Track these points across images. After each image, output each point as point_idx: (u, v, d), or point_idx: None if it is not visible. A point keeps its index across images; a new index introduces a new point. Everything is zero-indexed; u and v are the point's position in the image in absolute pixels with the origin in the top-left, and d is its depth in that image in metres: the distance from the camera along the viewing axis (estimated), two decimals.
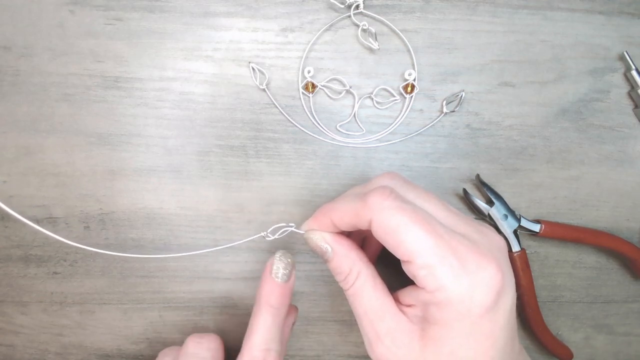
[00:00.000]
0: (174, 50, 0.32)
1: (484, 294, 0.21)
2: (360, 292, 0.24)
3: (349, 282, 0.25)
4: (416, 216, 0.22)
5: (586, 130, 0.34)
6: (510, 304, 0.23)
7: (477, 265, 0.21)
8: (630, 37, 0.33)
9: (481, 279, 0.21)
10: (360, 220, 0.23)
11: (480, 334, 0.22)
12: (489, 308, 0.21)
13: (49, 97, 0.32)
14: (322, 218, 0.25)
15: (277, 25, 0.32)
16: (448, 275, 0.21)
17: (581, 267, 0.35)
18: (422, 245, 0.21)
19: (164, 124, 0.32)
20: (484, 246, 0.23)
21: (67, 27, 0.32)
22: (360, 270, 0.24)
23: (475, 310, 0.21)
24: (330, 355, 0.34)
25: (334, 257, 0.25)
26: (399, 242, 0.22)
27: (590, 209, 0.34)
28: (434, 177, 0.33)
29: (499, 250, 0.24)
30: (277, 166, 0.33)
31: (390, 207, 0.22)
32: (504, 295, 0.22)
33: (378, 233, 0.22)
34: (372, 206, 0.22)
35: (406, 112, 0.33)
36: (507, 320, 0.22)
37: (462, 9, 0.33)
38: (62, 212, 0.33)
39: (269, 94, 0.32)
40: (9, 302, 0.33)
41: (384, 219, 0.22)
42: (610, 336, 0.36)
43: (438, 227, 0.22)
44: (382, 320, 0.23)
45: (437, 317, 0.22)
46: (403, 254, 0.22)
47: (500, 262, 0.22)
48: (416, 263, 0.21)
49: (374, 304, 0.24)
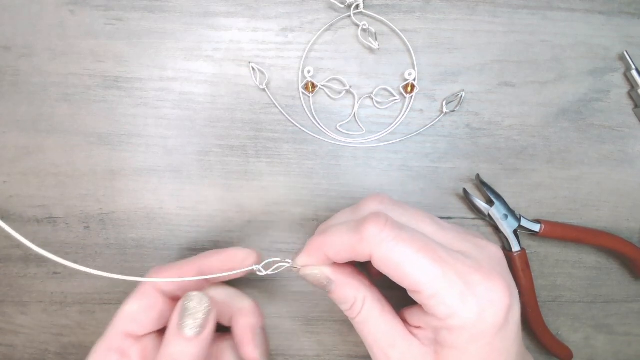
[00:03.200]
0: (174, 50, 0.32)
1: (494, 314, 0.21)
2: (368, 319, 0.23)
3: (355, 310, 0.24)
4: (418, 245, 0.21)
5: (586, 130, 0.34)
6: (518, 316, 0.23)
7: (484, 287, 0.21)
8: (630, 37, 0.33)
9: (490, 300, 0.21)
10: (358, 254, 0.22)
11: (495, 352, 0.22)
12: (501, 327, 0.21)
13: (49, 97, 0.32)
14: (316, 253, 0.24)
15: (277, 25, 0.32)
16: (458, 302, 0.21)
17: (581, 267, 0.35)
18: (429, 276, 0.21)
19: (164, 124, 0.32)
20: (486, 263, 0.22)
21: (67, 27, 0.32)
22: (365, 296, 0.24)
23: (488, 331, 0.21)
24: (330, 355, 0.34)
25: (336, 288, 0.24)
26: (404, 275, 0.21)
27: (590, 209, 0.34)
28: (434, 177, 0.33)
29: (500, 263, 0.24)
30: (277, 166, 0.33)
31: (390, 238, 0.21)
32: (512, 310, 0.22)
33: (380, 267, 0.22)
34: (370, 240, 0.21)
35: (406, 112, 0.33)
36: (517, 333, 0.23)
37: (462, 9, 0.33)
38: (62, 212, 0.33)
39: (269, 94, 0.32)
40: (9, 302, 0.33)
41: (385, 252, 0.21)
42: (610, 336, 0.36)
43: (440, 252, 0.21)
44: (393, 347, 0.23)
45: (449, 341, 0.22)
46: (410, 285, 0.21)
47: (505, 278, 0.22)
48: (425, 293, 0.21)
49: (384, 330, 0.23)
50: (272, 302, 0.34)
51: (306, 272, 0.24)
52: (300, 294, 0.34)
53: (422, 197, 0.34)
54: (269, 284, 0.34)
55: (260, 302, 0.33)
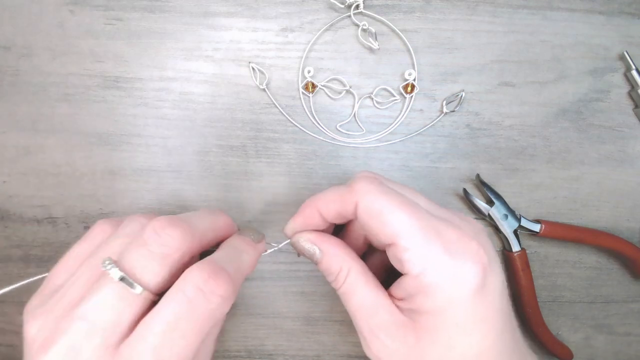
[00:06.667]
0: (174, 50, 0.32)
1: (469, 273, 0.21)
2: (352, 289, 0.24)
3: (339, 280, 0.24)
4: (401, 200, 0.22)
5: (586, 130, 0.34)
6: (500, 285, 0.22)
7: (459, 246, 0.21)
8: (630, 37, 0.33)
9: (465, 259, 0.21)
10: (346, 205, 0.23)
11: (475, 317, 0.21)
12: (478, 288, 0.21)
13: (49, 97, 0.32)
14: (307, 210, 0.25)
15: (277, 25, 0.32)
16: (432, 257, 0.21)
17: (581, 267, 0.35)
18: (406, 226, 0.21)
19: (164, 124, 0.32)
20: (466, 228, 0.23)
21: (67, 27, 0.32)
22: (350, 267, 0.24)
23: (464, 291, 0.21)
24: (330, 356, 0.34)
25: (323, 257, 0.25)
26: (383, 223, 0.22)
27: (590, 209, 0.34)
28: (434, 177, 0.33)
29: (481, 233, 0.23)
30: (277, 166, 0.33)
31: (376, 190, 0.22)
32: (491, 273, 0.21)
33: (363, 217, 0.22)
34: (357, 190, 0.22)
35: (406, 112, 0.33)
36: (500, 302, 0.22)
37: (462, 9, 0.33)
38: (62, 212, 0.33)
39: (269, 94, 0.32)
40: (9, 302, 0.33)
41: (369, 201, 0.22)
42: (610, 336, 0.36)
43: (422, 211, 0.22)
44: (376, 315, 0.23)
45: (426, 306, 0.21)
46: (386, 235, 0.22)
47: (483, 242, 0.22)
48: (400, 245, 0.21)
49: (367, 300, 0.23)
50: (272, 302, 0.34)
51: (295, 240, 0.25)
52: (300, 294, 0.34)
53: None
54: (269, 284, 0.34)
55: (261, 302, 0.34)
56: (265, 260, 0.33)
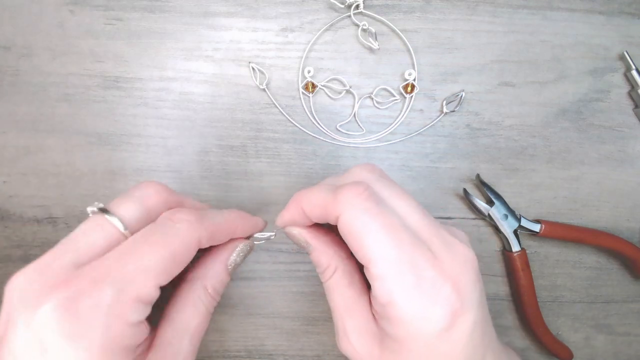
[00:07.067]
0: (174, 50, 0.32)
1: (436, 315, 0.20)
2: (334, 287, 0.24)
3: (325, 276, 0.25)
4: (383, 221, 0.21)
5: (586, 130, 0.34)
6: (471, 325, 0.21)
7: (432, 284, 0.20)
8: (630, 37, 0.33)
9: (435, 299, 0.20)
10: (328, 214, 0.22)
11: (437, 354, 0.21)
12: (444, 330, 0.20)
13: (49, 97, 0.32)
14: (294, 207, 0.24)
15: (277, 25, 0.32)
16: (401, 291, 0.20)
17: (581, 267, 0.35)
18: (381, 254, 0.20)
19: (164, 124, 0.32)
20: (447, 262, 0.21)
21: (67, 27, 0.32)
22: (337, 266, 0.24)
23: (429, 330, 0.20)
24: (330, 356, 0.34)
25: (313, 252, 0.25)
26: (359, 245, 0.21)
27: (590, 209, 0.34)
28: (434, 177, 0.33)
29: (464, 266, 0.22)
30: (277, 166, 0.33)
31: (359, 207, 0.21)
32: (461, 316, 0.20)
33: (342, 231, 0.22)
34: (341, 202, 0.21)
35: (406, 112, 0.33)
36: (468, 341, 0.21)
37: (462, 9, 0.33)
38: (62, 212, 0.33)
39: (269, 94, 0.32)
40: None
41: (350, 218, 0.21)
42: (610, 336, 0.36)
43: (404, 236, 0.21)
44: (351, 317, 0.23)
45: (389, 332, 0.21)
46: (362, 258, 0.21)
47: (460, 282, 0.21)
48: (372, 271, 0.21)
49: (347, 301, 0.24)
50: (272, 302, 0.34)
51: (288, 231, 0.26)
52: (300, 294, 0.34)
53: (422, 197, 0.34)
54: (269, 284, 0.34)
55: (261, 302, 0.34)
56: (265, 260, 0.33)
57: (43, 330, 0.17)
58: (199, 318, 0.23)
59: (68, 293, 0.17)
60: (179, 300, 0.23)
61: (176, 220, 0.21)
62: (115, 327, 0.18)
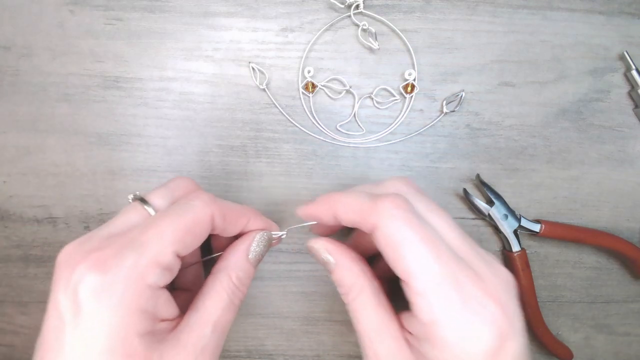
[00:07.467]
0: (174, 50, 0.32)
1: (485, 336, 0.19)
2: (361, 309, 0.22)
3: (350, 296, 0.23)
4: (424, 234, 0.20)
5: (586, 130, 0.34)
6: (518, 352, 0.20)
7: (479, 303, 0.19)
8: (630, 37, 0.33)
9: (482, 320, 0.19)
10: (364, 221, 0.21)
11: None
12: (492, 352, 0.19)
13: (49, 97, 0.32)
14: (324, 206, 0.24)
15: (277, 25, 0.32)
16: (445, 308, 0.19)
17: (581, 267, 0.35)
18: (423, 268, 0.19)
19: (164, 124, 0.32)
20: (491, 282, 0.20)
21: (67, 27, 0.32)
22: (363, 285, 0.23)
23: (476, 353, 0.19)
24: (330, 356, 0.34)
25: (336, 269, 0.24)
26: (399, 257, 0.20)
27: (590, 209, 0.34)
28: (434, 177, 0.33)
29: (507, 288, 0.21)
30: (277, 166, 0.33)
31: (400, 217, 0.20)
32: (510, 340, 0.19)
33: (380, 242, 0.21)
34: (381, 211, 0.21)
35: (406, 112, 0.33)
36: None
37: (462, 9, 0.33)
38: (62, 212, 0.33)
39: (269, 94, 0.32)
40: (9, 302, 0.33)
41: (389, 228, 0.20)
42: (610, 336, 0.36)
43: (444, 251, 0.20)
44: (382, 342, 0.21)
45: (430, 355, 0.20)
46: (401, 271, 0.20)
47: (506, 303, 0.20)
48: (412, 286, 0.20)
49: (375, 324, 0.22)
50: (272, 302, 0.34)
51: (312, 245, 0.25)
52: (301, 294, 0.34)
53: None
54: (269, 284, 0.34)
55: (261, 302, 0.34)
56: (265, 260, 0.33)
57: (78, 286, 0.19)
58: (222, 307, 0.23)
59: (98, 255, 0.20)
60: (205, 291, 0.23)
61: (192, 198, 0.23)
62: (135, 286, 0.20)
